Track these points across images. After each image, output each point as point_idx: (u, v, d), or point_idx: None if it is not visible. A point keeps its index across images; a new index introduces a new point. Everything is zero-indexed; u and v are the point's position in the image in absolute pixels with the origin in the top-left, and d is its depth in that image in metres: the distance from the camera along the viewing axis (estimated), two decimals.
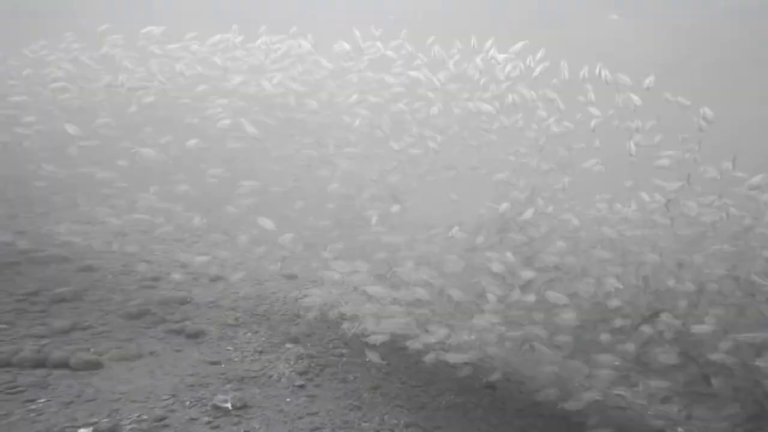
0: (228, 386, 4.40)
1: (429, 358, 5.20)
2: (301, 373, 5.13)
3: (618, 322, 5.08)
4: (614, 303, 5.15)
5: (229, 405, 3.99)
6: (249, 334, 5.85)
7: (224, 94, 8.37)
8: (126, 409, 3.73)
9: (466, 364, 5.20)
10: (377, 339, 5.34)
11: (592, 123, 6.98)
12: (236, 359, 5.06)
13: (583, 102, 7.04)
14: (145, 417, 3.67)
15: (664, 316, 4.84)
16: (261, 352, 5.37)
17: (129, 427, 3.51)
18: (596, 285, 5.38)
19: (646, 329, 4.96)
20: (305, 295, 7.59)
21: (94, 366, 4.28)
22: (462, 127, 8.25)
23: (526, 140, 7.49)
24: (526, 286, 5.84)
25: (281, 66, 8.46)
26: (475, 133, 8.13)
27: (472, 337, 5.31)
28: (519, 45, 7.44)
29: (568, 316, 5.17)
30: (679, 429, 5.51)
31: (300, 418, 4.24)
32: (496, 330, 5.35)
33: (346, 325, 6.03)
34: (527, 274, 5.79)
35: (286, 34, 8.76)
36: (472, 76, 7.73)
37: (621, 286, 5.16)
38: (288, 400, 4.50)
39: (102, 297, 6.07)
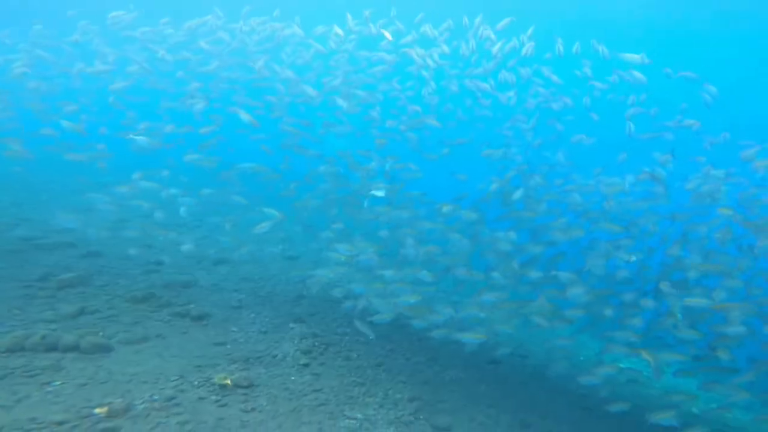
0: (234, 366, 4.52)
1: (436, 334, 5.27)
2: (305, 352, 5.25)
3: (628, 296, 5.12)
4: (623, 275, 5.20)
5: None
6: (253, 315, 5.96)
7: (205, 79, 8.27)
8: (138, 390, 3.85)
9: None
10: (382, 318, 5.43)
11: (586, 99, 6.94)
12: (241, 340, 5.17)
13: (579, 76, 6.96)
14: (156, 397, 3.79)
15: (663, 286, 4.87)
16: (265, 333, 5.48)
17: (142, 406, 3.64)
18: (605, 258, 5.40)
19: (652, 303, 5.01)
20: (309, 276, 7.72)
21: (105, 349, 4.39)
22: (456, 105, 8.21)
23: (522, 116, 7.46)
24: (532, 263, 5.88)
25: (265, 48, 8.31)
26: (469, 110, 8.11)
27: (482, 314, 5.39)
28: (506, 21, 7.35)
29: (577, 291, 5.19)
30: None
31: (305, 395, 4.37)
32: (504, 307, 5.43)
33: (348, 303, 6.14)
34: (534, 249, 5.80)
35: (269, 16, 8.54)
36: (463, 53, 7.66)
37: (633, 259, 5.18)
38: (293, 378, 4.62)
39: (107, 282, 6.16)
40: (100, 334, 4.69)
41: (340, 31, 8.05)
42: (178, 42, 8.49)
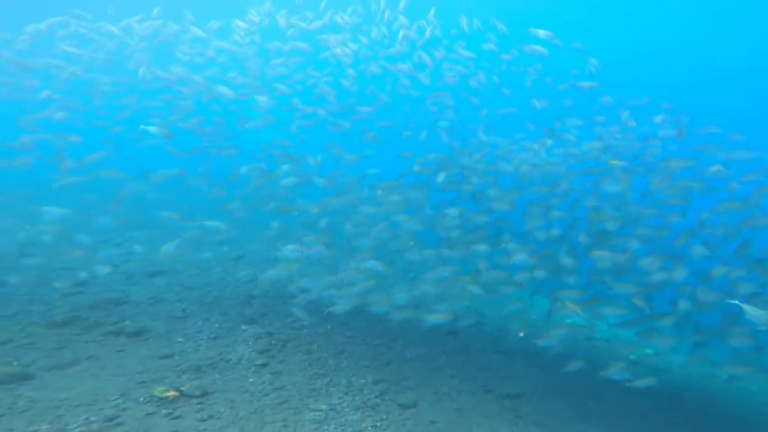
0: (185, 377, 4.17)
1: (396, 317, 5.29)
2: (262, 352, 5.01)
3: (567, 260, 5.47)
4: (557, 233, 5.59)
5: None
6: (200, 322, 5.54)
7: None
8: (70, 414, 3.39)
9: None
10: (340, 308, 5.37)
11: (493, 78, 7.43)
12: (190, 349, 4.79)
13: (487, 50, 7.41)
14: (93, 418, 3.37)
15: (582, 239, 5.33)
16: (216, 338, 5.13)
17: (77, 430, 3.21)
18: (542, 221, 5.77)
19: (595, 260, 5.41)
20: (258, 275, 7.38)
21: (22, 378, 3.80)
22: (378, 89, 8.37)
23: (445, 92, 7.76)
24: (477, 232, 6.11)
25: (145, 48, 7.78)
26: (392, 93, 8.31)
27: (437, 290, 5.50)
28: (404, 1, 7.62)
29: (522, 256, 5.48)
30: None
31: (266, 394, 4.17)
32: (459, 281, 5.58)
33: (299, 298, 5.96)
34: (478, 218, 6.01)
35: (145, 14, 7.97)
36: (375, 37, 7.82)
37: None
38: (251, 380, 4.39)
39: (18, 311, 5.34)
40: (14, 363, 4.06)
41: (243, 24, 7.77)
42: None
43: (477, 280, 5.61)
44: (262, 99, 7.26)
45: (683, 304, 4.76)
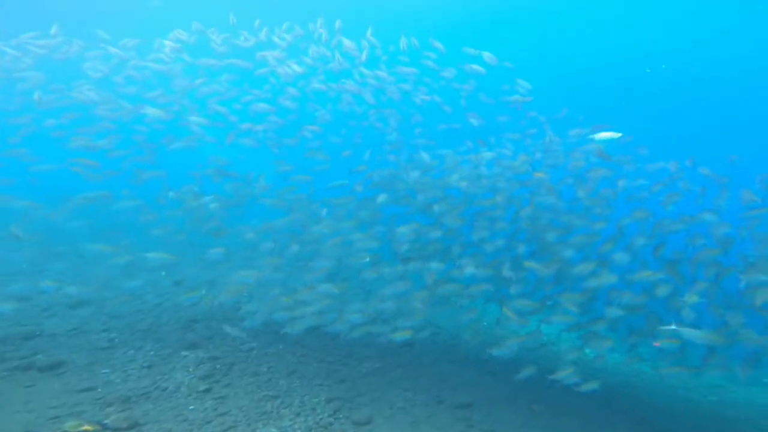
0: (110, 409, 3.68)
1: (353, 334, 5.18)
2: (204, 378, 4.60)
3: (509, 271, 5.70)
4: (501, 243, 5.84)
5: None
6: (131, 351, 4.98)
7: None
8: None
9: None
10: (294, 328, 5.14)
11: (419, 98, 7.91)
12: (117, 380, 4.25)
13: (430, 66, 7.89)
14: None
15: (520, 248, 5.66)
16: (150, 367, 4.62)
17: None
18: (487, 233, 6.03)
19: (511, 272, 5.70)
20: (201, 300, 6.87)
21: None
22: (321, 106, 8.56)
23: (391, 109, 8.11)
24: (431, 246, 6.21)
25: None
26: (335, 111, 8.52)
27: (393, 306, 5.46)
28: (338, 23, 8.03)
29: (470, 269, 5.63)
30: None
31: (208, 422, 3.81)
32: (416, 297, 5.57)
33: (248, 320, 5.65)
34: (431, 233, 6.11)
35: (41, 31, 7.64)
36: (312, 56, 8.04)
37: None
38: (192, 407, 3.99)
39: None
40: None
41: (170, 43, 7.65)
42: None
43: (432, 294, 5.70)
44: (194, 118, 7.08)
45: (612, 310, 5.08)
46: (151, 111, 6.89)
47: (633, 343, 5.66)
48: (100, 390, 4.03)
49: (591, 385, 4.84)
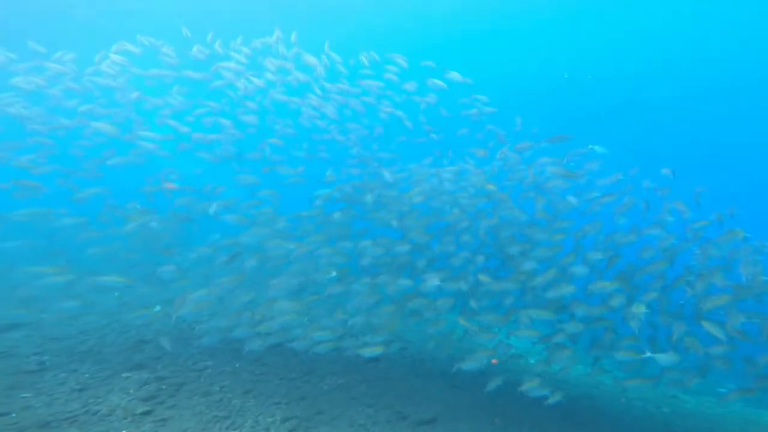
0: None
1: (320, 350, 4.99)
2: (146, 399, 4.21)
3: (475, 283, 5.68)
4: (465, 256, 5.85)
5: None
6: (63, 374, 4.51)
7: None
8: None
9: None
10: (255, 344, 4.88)
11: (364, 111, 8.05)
12: (38, 405, 3.80)
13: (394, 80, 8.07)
14: None
15: (479, 259, 5.70)
16: (82, 390, 4.19)
17: None
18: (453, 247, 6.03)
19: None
20: (153, 319, 6.43)
21: None
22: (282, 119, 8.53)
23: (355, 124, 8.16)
24: (399, 261, 6.13)
25: None
26: (295, 125, 8.50)
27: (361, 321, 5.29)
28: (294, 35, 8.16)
29: (434, 282, 5.57)
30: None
31: None
32: (385, 311, 5.42)
33: (204, 339, 5.33)
34: (399, 247, 6.03)
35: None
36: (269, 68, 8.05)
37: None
38: (125, 431, 3.61)
39: None
40: None
41: (117, 57, 7.50)
42: None
43: (400, 308, 5.58)
44: (142, 132, 6.85)
45: (571, 325, 5.15)
46: (99, 126, 6.60)
47: (596, 355, 5.70)
48: (14, 415, 3.59)
49: (555, 398, 4.84)
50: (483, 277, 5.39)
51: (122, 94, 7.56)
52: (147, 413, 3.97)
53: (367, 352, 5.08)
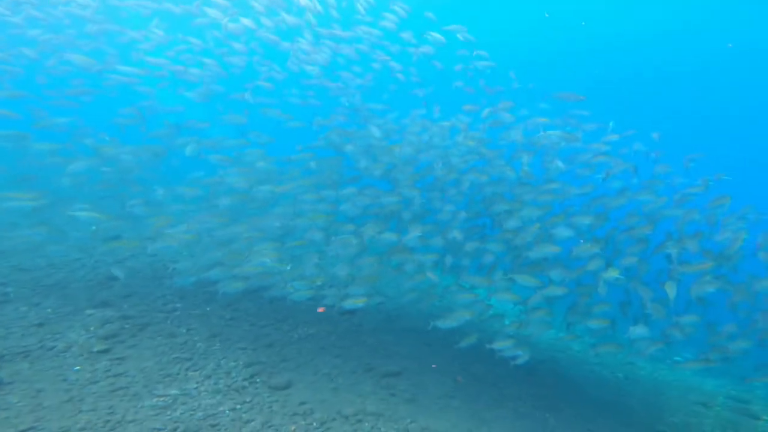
0: None
1: (296, 297, 4.91)
2: (105, 338, 4.20)
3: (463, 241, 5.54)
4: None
5: None
6: (25, 308, 4.47)
7: None
8: None
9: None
10: (230, 287, 4.78)
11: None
12: None
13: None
14: None
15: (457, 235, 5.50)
16: (41, 325, 4.16)
17: None
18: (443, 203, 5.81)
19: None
20: (125, 255, 6.35)
21: None
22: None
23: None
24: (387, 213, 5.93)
25: None
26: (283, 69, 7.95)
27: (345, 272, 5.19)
28: None
29: (415, 233, 5.40)
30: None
31: (94, 382, 3.45)
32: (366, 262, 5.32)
33: (177, 278, 5.27)
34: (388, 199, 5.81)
35: None
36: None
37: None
38: (77, 368, 3.61)
39: None
40: None
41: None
42: None
43: (383, 260, 5.48)
44: (121, 68, 6.35)
45: (552, 288, 5.08)
46: (75, 58, 6.08)
47: (570, 321, 5.71)
48: None
49: (522, 358, 4.91)
50: (457, 234, 5.22)
51: (94, 24, 6.90)
52: (104, 351, 3.96)
53: (349, 303, 5.02)
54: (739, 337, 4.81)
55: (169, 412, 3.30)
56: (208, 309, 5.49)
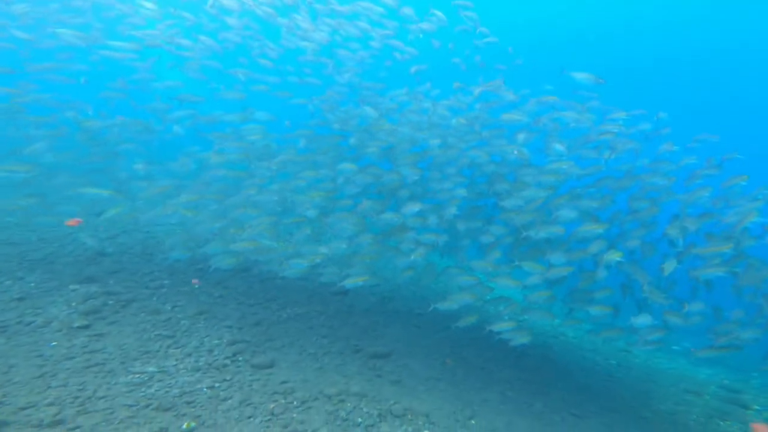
0: None
1: (289, 274, 4.81)
2: (87, 314, 4.16)
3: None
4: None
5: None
6: (8, 282, 4.44)
7: None
8: None
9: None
10: (222, 263, 4.73)
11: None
12: None
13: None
14: None
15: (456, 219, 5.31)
16: (21, 299, 4.13)
17: None
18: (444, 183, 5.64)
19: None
20: (117, 231, 6.31)
21: None
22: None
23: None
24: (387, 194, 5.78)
25: None
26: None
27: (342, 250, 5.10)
28: None
29: (413, 208, 5.23)
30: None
31: (70, 358, 3.42)
32: (364, 239, 5.20)
33: (173, 253, 5.21)
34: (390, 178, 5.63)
35: None
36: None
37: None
38: (54, 344, 3.58)
39: None
40: None
41: None
42: None
43: (380, 240, 5.35)
44: (109, 42, 6.14)
45: (554, 270, 4.93)
46: (63, 32, 5.88)
47: (570, 306, 5.57)
48: None
49: (520, 340, 4.83)
50: (453, 212, 5.05)
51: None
52: (84, 327, 3.92)
53: (350, 282, 4.92)
54: (748, 324, 4.61)
55: (143, 389, 3.26)
56: (196, 286, 5.45)
